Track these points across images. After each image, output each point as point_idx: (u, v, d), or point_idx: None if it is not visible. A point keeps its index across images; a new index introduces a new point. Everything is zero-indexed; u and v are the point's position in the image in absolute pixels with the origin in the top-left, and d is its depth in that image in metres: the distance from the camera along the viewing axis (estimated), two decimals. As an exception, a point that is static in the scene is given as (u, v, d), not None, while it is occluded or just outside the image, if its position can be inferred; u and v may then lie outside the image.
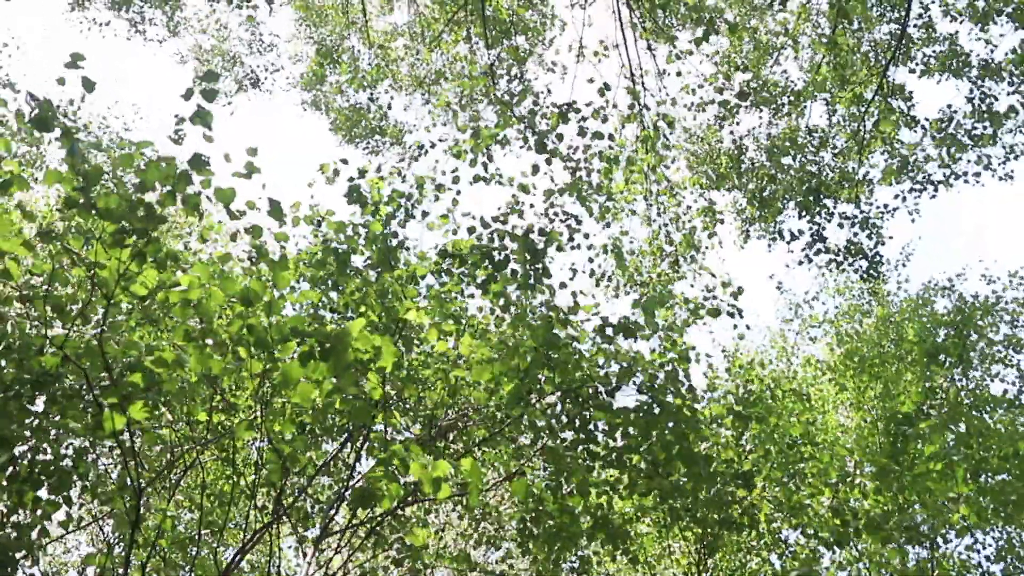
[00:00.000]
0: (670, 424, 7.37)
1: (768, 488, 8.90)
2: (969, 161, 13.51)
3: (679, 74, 12.87)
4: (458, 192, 9.46)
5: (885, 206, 13.51)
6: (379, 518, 7.72)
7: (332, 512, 7.72)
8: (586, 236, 11.07)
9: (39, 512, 5.31)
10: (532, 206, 10.55)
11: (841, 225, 13.37)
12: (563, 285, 8.32)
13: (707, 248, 12.97)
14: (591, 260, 11.30)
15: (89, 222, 4.71)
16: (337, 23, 19.47)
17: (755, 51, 12.87)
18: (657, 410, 7.36)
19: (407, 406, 8.79)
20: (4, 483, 5.34)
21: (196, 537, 7.68)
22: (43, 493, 10.49)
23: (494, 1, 14.43)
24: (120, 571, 5.96)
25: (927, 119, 12.99)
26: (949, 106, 13.16)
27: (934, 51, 13.04)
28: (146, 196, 4.48)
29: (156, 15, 18.91)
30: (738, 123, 12.82)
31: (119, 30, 31.30)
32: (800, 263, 13.43)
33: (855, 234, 13.40)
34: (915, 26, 12.87)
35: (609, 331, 7.82)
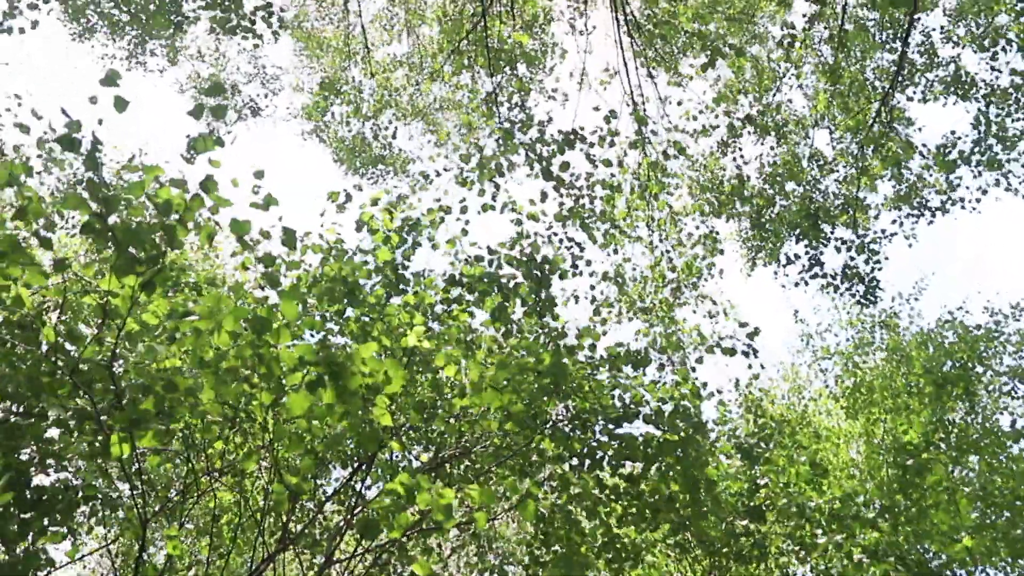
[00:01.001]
0: (677, 453, 7.33)
1: (780, 520, 8.84)
2: (968, 188, 13.56)
3: (680, 103, 12.92)
4: (467, 222, 9.45)
5: (882, 231, 13.53)
6: (385, 547, 7.64)
7: (337, 540, 7.65)
8: (588, 263, 11.06)
9: (44, 540, 5.25)
10: (537, 233, 10.52)
11: (838, 249, 13.39)
12: (557, 307, 8.29)
13: (709, 275, 12.96)
14: (592, 287, 11.28)
15: (105, 250, 4.68)
16: (338, 54, 19.54)
17: (757, 78, 12.92)
18: (663, 440, 7.32)
19: (414, 432, 8.75)
20: (11, 509, 5.28)
21: (205, 563, 7.62)
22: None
23: (495, 30, 14.49)
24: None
25: (924, 146, 13.04)
26: (952, 132, 13.21)
27: (936, 75, 13.11)
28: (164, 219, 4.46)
29: (156, 45, 18.96)
30: (740, 149, 12.85)
31: (119, 60, 31.37)
32: (796, 284, 13.42)
33: (852, 258, 13.42)
34: (917, 52, 12.95)
35: (619, 361, 7.80)
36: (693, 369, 8.12)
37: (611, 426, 7.57)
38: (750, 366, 10.32)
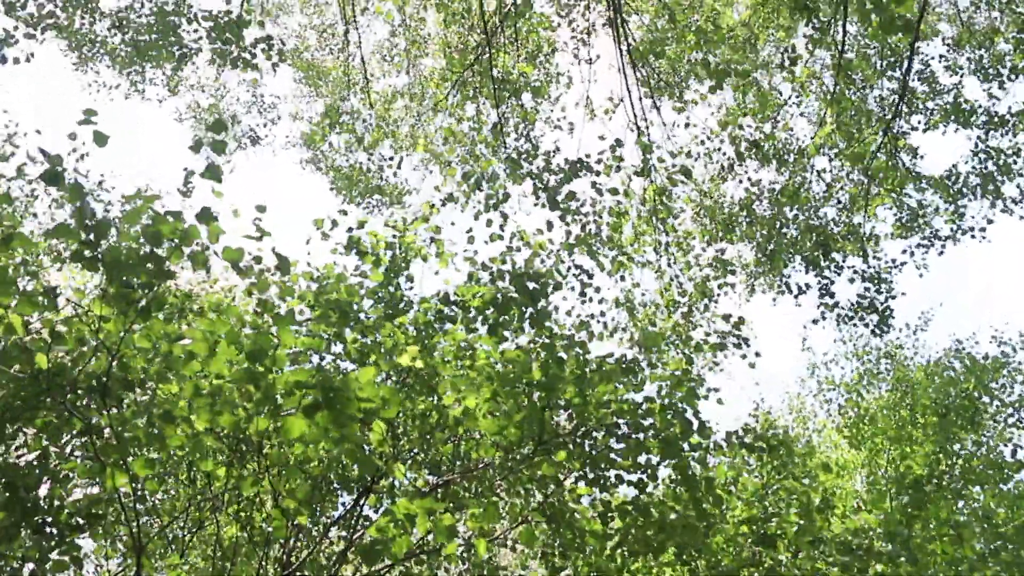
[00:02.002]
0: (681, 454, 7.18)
1: (790, 547, 8.63)
2: (973, 216, 13.46)
3: (687, 125, 12.82)
4: (475, 252, 9.31)
5: (893, 261, 13.43)
6: (385, 572, 7.46)
7: (337, 567, 7.45)
8: (597, 290, 10.91)
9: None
10: (543, 261, 10.38)
11: (852, 280, 13.27)
12: (551, 318, 8.15)
13: (720, 296, 12.83)
14: (603, 313, 11.15)
15: (95, 277, 4.54)
16: (337, 84, 19.50)
17: (760, 105, 12.84)
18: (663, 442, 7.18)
19: (413, 456, 8.57)
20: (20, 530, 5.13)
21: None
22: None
23: (500, 61, 14.42)
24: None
25: (930, 176, 12.96)
26: (955, 165, 13.16)
27: (937, 103, 13.06)
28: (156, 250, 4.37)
29: (156, 75, 18.91)
30: (745, 172, 12.77)
31: (118, 91, 31.37)
32: (815, 321, 13.28)
33: (866, 289, 13.30)
34: (918, 79, 12.89)
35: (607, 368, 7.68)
36: (688, 369, 7.90)
37: (612, 439, 7.43)
38: (744, 356, 10.11)
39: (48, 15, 12.91)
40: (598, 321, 11.12)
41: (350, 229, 8.29)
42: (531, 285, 7.47)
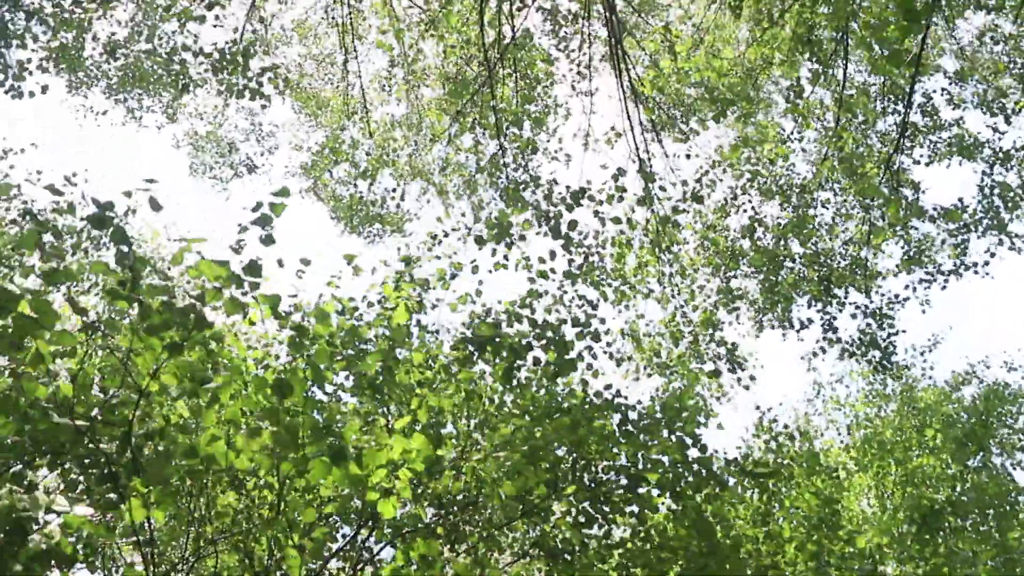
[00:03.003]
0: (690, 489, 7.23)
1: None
2: (977, 252, 13.57)
3: (688, 156, 12.93)
4: (480, 281, 9.38)
5: (896, 296, 13.52)
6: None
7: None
8: (602, 321, 10.97)
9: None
10: (547, 292, 10.42)
11: (854, 315, 13.36)
12: (577, 369, 8.19)
13: (725, 325, 12.90)
14: (609, 344, 11.20)
15: (132, 314, 4.58)
16: (337, 113, 19.59)
17: (764, 140, 12.98)
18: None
19: (414, 489, 8.58)
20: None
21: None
22: None
23: (499, 92, 14.54)
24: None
25: (936, 207, 13.08)
26: (960, 199, 13.28)
27: (940, 137, 13.20)
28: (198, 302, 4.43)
29: (154, 102, 18.96)
30: (750, 201, 12.87)
31: (115, 116, 31.40)
32: (815, 354, 13.38)
33: (868, 324, 13.38)
34: (920, 113, 13.04)
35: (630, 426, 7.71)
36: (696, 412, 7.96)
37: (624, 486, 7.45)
38: (739, 379, 10.15)
39: (60, 48, 13.00)
40: (604, 352, 11.19)
41: (374, 270, 8.32)
42: (551, 334, 7.50)
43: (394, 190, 18.30)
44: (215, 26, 14.24)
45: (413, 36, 17.20)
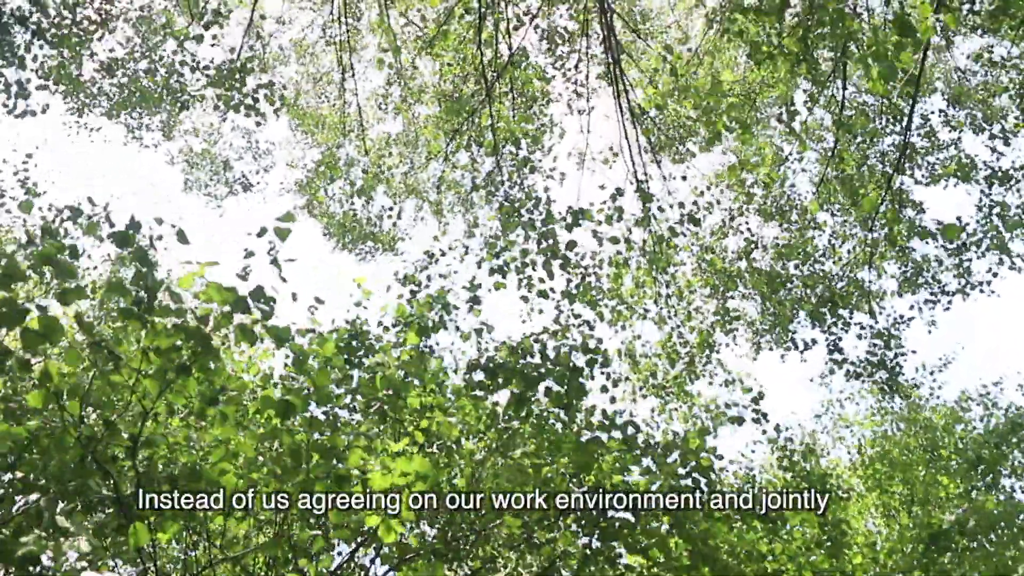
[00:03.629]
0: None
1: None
2: (980, 272, 13.59)
3: (684, 178, 12.96)
4: (478, 301, 9.36)
5: (901, 317, 13.53)
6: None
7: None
8: (599, 341, 10.96)
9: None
10: (542, 311, 10.42)
11: (860, 336, 13.35)
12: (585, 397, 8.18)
13: (722, 346, 12.91)
14: (606, 365, 11.17)
15: (141, 335, 4.58)
16: (333, 131, 19.61)
17: (762, 163, 13.03)
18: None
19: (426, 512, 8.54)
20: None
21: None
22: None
23: (496, 110, 14.58)
24: None
25: (939, 223, 13.08)
26: (959, 218, 13.31)
27: (938, 158, 13.27)
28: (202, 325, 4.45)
29: (153, 121, 18.97)
30: (747, 222, 12.93)
31: (110, 135, 31.27)
32: (823, 376, 13.38)
33: (874, 345, 13.37)
34: (918, 135, 13.11)
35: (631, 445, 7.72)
36: (702, 441, 7.97)
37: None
38: (764, 432, 10.19)
39: (60, 66, 13.01)
40: (602, 373, 11.16)
41: (408, 297, 8.31)
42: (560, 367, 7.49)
43: (390, 209, 18.31)
44: (212, 45, 14.26)
45: (410, 54, 17.24)
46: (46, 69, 13.01)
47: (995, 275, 13.40)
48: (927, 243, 12.80)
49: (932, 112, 13.63)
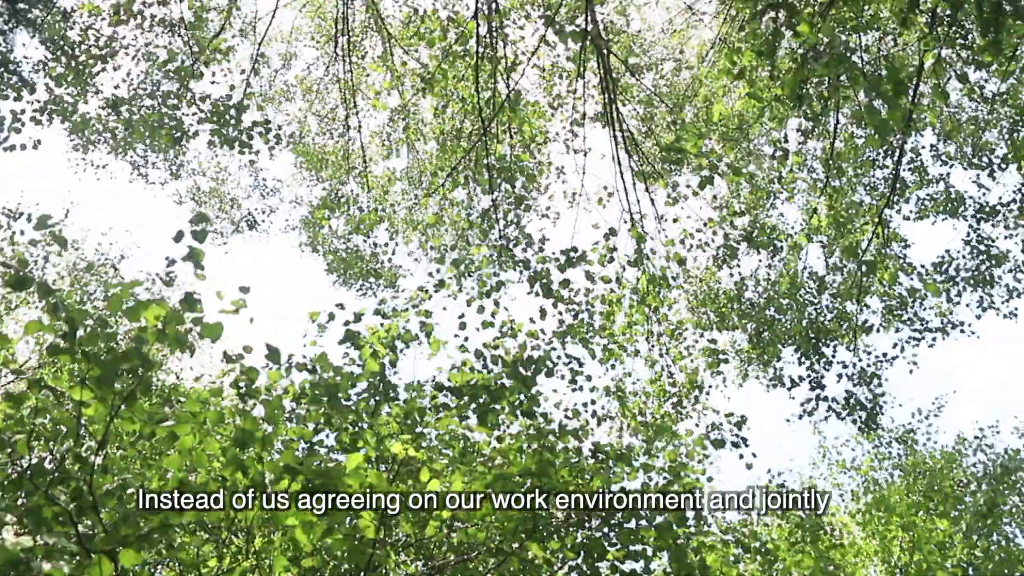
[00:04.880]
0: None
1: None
2: (967, 306, 13.49)
3: (675, 220, 12.92)
4: (466, 338, 9.32)
5: (884, 355, 13.43)
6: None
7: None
8: (588, 379, 10.88)
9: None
10: (536, 347, 10.36)
11: (840, 376, 13.28)
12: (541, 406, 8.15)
13: (711, 387, 12.83)
14: (593, 402, 11.11)
15: (77, 366, 4.55)
16: (337, 167, 19.73)
17: (752, 195, 13.01)
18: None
19: (403, 543, 8.47)
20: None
21: None
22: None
23: (493, 149, 14.62)
24: None
25: (923, 267, 13.01)
26: (947, 251, 13.25)
27: (927, 193, 13.23)
28: (139, 342, 4.43)
29: (159, 159, 19.13)
30: (738, 264, 12.87)
31: (116, 172, 31.49)
32: (800, 417, 13.30)
33: (854, 385, 13.29)
34: (908, 170, 13.07)
35: (602, 456, 7.71)
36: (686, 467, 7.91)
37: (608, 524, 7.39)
38: (741, 456, 10.06)
39: (55, 100, 13.15)
40: (587, 410, 11.09)
41: (347, 322, 8.32)
42: (523, 371, 7.48)
43: (385, 244, 18.37)
44: (212, 83, 14.39)
45: (408, 92, 17.37)
46: (42, 103, 13.13)
47: (978, 317, 13.31)
48: (911, 278, 12.73)
49: (923, 147, 13.62)
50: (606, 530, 7.48)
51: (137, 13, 13.66)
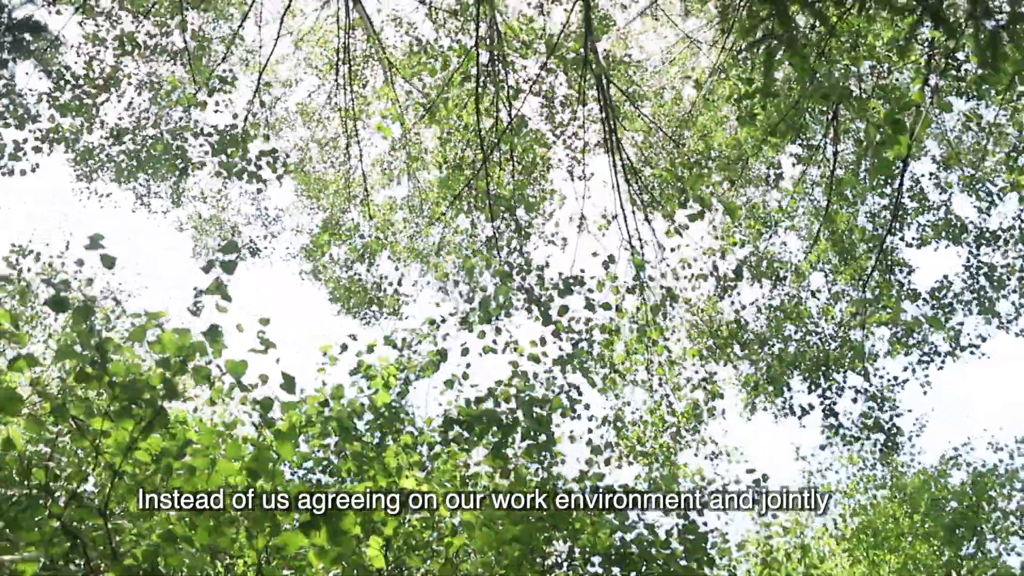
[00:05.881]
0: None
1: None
2: (968, 334, 13.56)
3: (673, 249, 13.00)
4: (468, 364, 9.37)
5: (895, 378, 13.51)
6: None
7: None
8: (587, 407, 10.92)
9: None
10: (536, 375, 10.42)
11: (855, 399, 13.32)
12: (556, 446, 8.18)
13: (709, 418, 12.85)
14: (591, 431, 11.14)
15: (101, 394, 4.62)
16: (339, 195, 19.82)
17: (753, 224, 13.10)
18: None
19: (410, 573, 8.49)
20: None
21: None
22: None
23: (496, 176, 14.74)
24: None
25: (926, 293, 13.10)
26: (945, 276, 13.35)
27: (928, 220, 13.33)
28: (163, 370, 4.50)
29: (162, 187, 19.22)
30: (739, 294, 12.93)
31: (120, 200, 31.62)
32: (822, 447, 13.32)
33: (870, 408, 13.34)
34: (908, 196, 13.18)
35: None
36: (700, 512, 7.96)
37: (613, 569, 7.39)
38: (761, 514, 10.07)
39: (56, 129, 13.27)
40: (585, 440, 11.13)
41: (359, 352, 8.37)
42: (536, 410, 7.52)
43: (387, 277, 18.42)
44: (216, 111, 14.51)
45: (411, 121, 17.49)
46: (44, 132, 13.25)
47: (983, 339, 13.39)
48: (917, 306, 12.82)
49: (923, 175, 13.72)
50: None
51: (142, 43, 13.81)
